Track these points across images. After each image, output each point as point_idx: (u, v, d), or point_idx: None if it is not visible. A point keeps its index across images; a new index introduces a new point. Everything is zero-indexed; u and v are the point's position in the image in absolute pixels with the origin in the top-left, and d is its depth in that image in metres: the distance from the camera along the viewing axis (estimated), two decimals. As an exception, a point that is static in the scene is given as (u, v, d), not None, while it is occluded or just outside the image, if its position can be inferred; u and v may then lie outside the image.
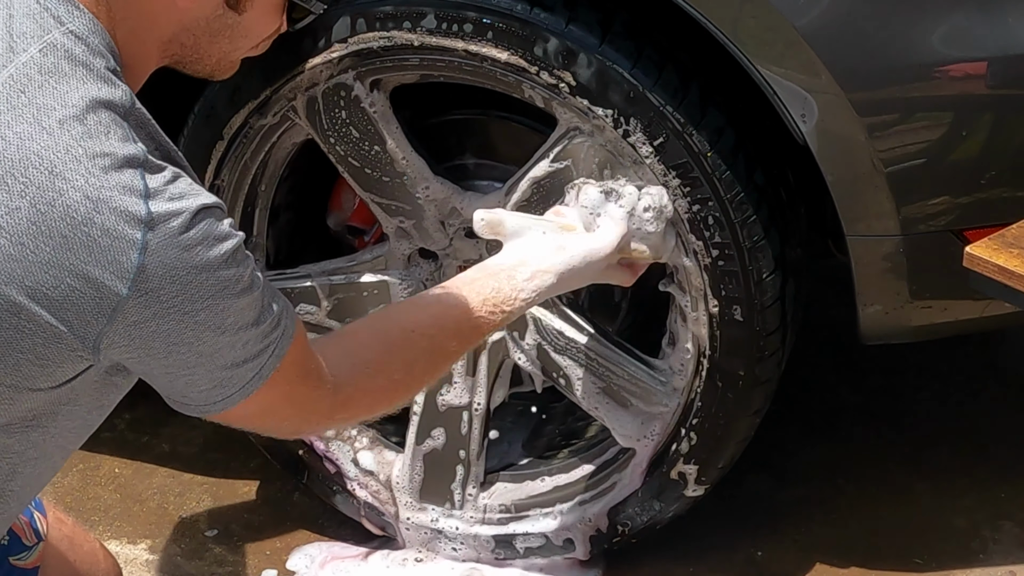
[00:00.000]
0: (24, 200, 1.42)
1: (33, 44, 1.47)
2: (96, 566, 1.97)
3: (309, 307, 2.49)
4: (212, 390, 1.57)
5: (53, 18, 1.49)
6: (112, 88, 1.48)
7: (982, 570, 2.57)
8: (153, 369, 1.55)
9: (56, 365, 1.51)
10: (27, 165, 1.42)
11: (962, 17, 2.08)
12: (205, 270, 1.47)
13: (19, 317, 1.46)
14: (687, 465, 2.42)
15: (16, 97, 1.45)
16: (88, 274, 1.44)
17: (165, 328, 1.48)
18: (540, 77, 2.19)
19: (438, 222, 2.39)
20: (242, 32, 1.62)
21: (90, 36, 1.50)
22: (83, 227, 1.42)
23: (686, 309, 2.31)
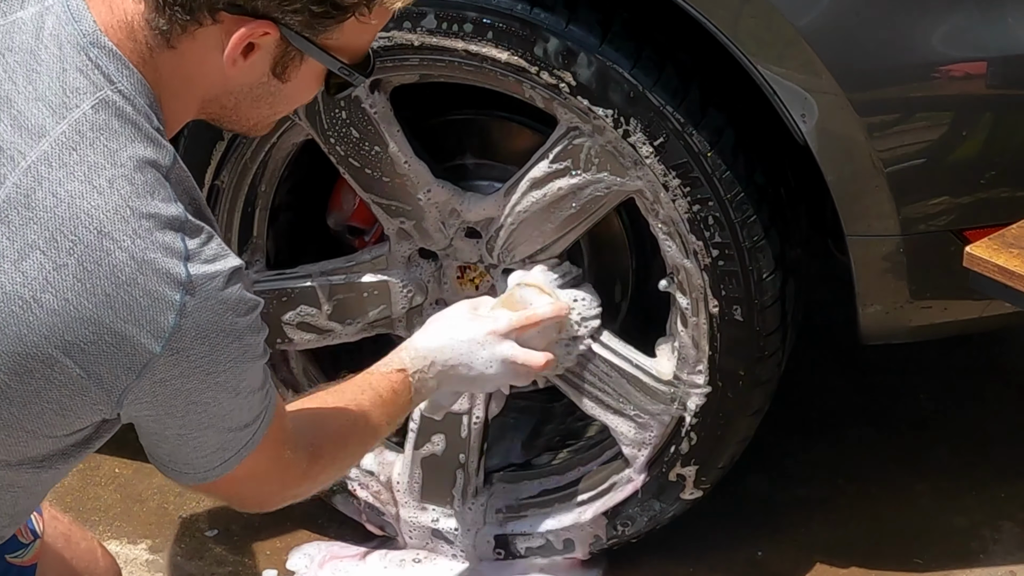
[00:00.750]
0: (72, 258, 1.47)
1: (85, 100, 1.50)
2: (94, 564, 1.98)
3: (309, 309, 2.49)
4: (215, 453, 1.64)
5: (104, 76, 1.52)
6: (158, 148, 1.52)
7: (982, 570, 2.57)
8: (167, 429, 1.61)
9: (76, 416, 1.56)
10: (77, 224, 1.47)
11: (962, 17, 2.08)
12: (232, 334, 1.54)
13: (52, 369, 1.50)
14: (687, 466, 2.42)
15: (68, 155, 1.48)
16: (126, 332, 1.48)
17: (188, 387, 1.54)
18: (540, 77, 2.19)
19: (439, 223, 2.39)
20: (283, 98, 1.65)
21: (137, 96, 1.53)
22: (127, 287, 1.47)
23: (686, 312, 2.31)
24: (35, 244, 1.47)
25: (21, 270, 1.47)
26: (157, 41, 1.54)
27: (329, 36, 1.57)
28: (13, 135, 1.49)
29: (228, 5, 1.52)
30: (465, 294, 2.44)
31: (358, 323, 2.50)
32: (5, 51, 1.53)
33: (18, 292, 1.47)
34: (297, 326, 2.50)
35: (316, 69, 1.61)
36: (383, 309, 2.48)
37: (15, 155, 1.49)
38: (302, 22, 1.54)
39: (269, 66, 1.58)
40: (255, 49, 1.56)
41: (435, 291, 2.46)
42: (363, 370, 2.06)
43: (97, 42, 1.52)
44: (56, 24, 1.53)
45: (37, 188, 1.48)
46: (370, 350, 2.71)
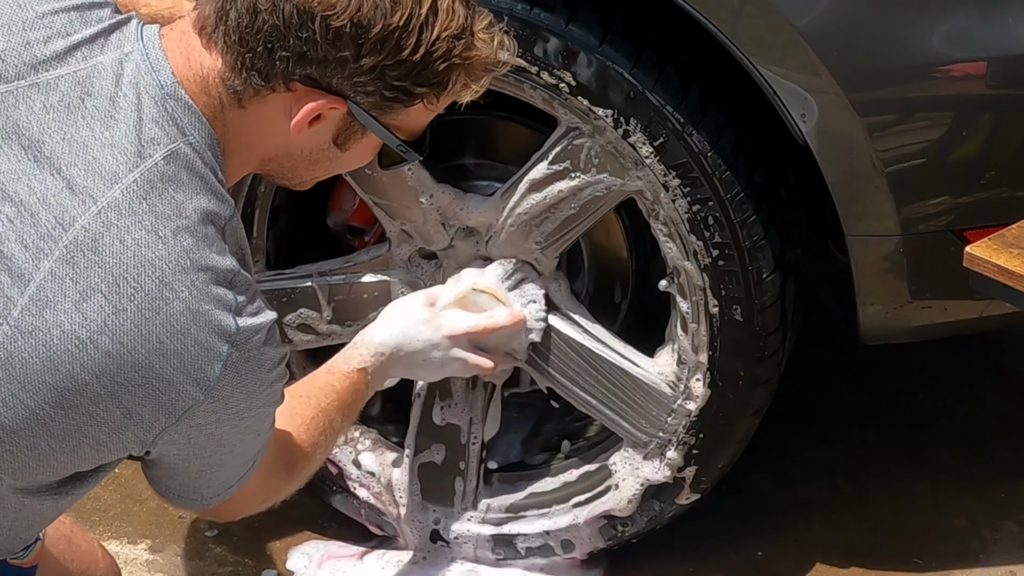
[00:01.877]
0: (132, 304, 1.51)
1: (159, 151, 1.55)
2: (94, 565, 1.98)
3: (310, 312, 2.49)
4: (223, 484, 1.72)
5: (178, 128, 1.56)
6: (220, 201, 1.58)
7: (982, 570, 2.57)
8: (191, 467, 1.67)
9: (108, 451, 1.61)
10: (140, 272, 1.51)
11: (962, 17, 2.08)
12: (266, 383, 1.62)
13: (97, 406, 1.54)
14: (687, 466, 2.42)
15: (138, 203, 1.52)
16: (173, 379, 1.53)
17: (221, 431, 1.60)
18: (540, 77, 2.19)
19: (439, 224, 2.39)
20: (338, 164, 1.71)
21: (206, 149, 1.58)
22: (180, 336, 1.52)
23: (687, 316, 2.31)
24: (98, 287, 1.51)
25: (81, 311, 1.51)
26: (229, 100, 1.59)
27: (394, 116, 1.63)
28: (86, 179, 1.53)
29: (304, 78, 1.58)
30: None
31: (359, 324, 2.50)
32: (85, 96, 1.56)
33: (76, 332, 1.51)
34: (297, 328, 2.50)
35: (374, 141, 1.68)
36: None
37: (86, 199, 1.53)
38: (372, 103, 1.61)
39: (332, 136, 1.65)
40: (321, 119, 1.62)
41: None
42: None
43: (175, 95, 1.57)
44: (135, 72, 1.57)
45: (105, 233, 1.52)
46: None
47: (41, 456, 1.58)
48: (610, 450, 2.50)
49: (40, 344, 1.51)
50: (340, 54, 1.55)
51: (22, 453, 1.56)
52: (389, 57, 1.56)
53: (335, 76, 1.57)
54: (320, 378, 2.09)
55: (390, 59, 1.56)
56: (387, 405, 2.70)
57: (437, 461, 2.54)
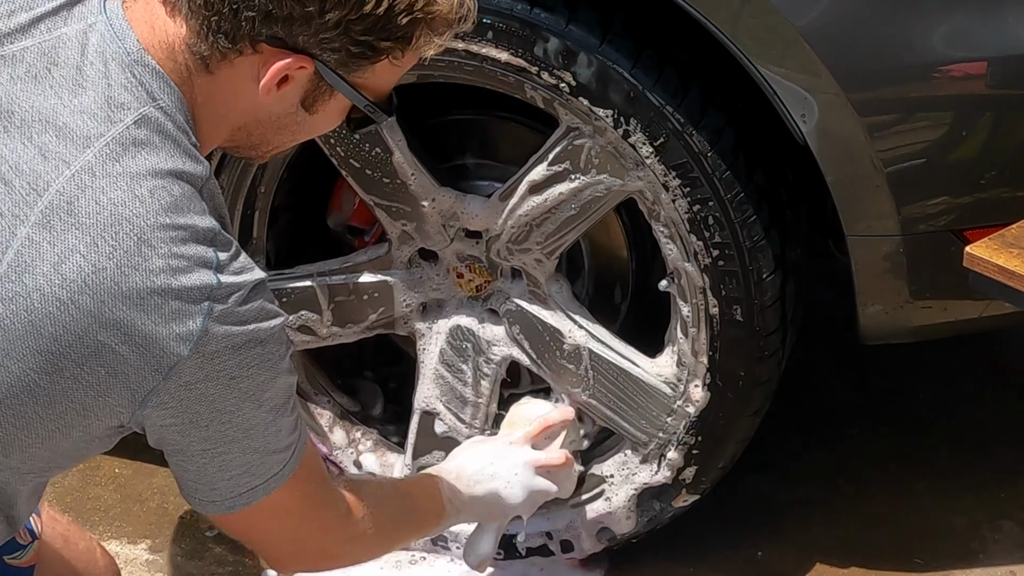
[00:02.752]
0: (111, 262, 1.51)
1: (129, 115, 1.56)
2: (93, 564, 1.98)
3: (311, 314, 2.49)
4: (242, 476, 1.67)
5: (147, 93, 1.57)
6: (195, 163, 1.59)
7: (982, 570, 2.57)
8: (193, 443, 1.63)
9: (96, 417, 1.59)
10: (118, 230, 1.51)
11: (962, 17, 2.08)
12: (256, 341, 1.59)
13: (82, 368, 1.54)
14: (687, 466, 2.42)
15: (112, 165, 1.53)
16: (156, 334, 1.53)
17: (212, 392, 1.58)
18: (540, 77, 2.19)
19: (440, 224, 2.39)
20: (305, 129, 1.71)
21: (177, 113, 1.59)
22: (160, 292, 1.52)
23: (687, 320, 2.31)
24: (75, 248, 1.51)
25: (60, 272, 1.51)
26: (196, 65, 1.60)
27: (360, 75, 1.64)
28: (58, 145, 1.54)
29: (270, 38, 1.58)
30: (464, 294, 2.44)
31: (360, 325, 2.50)
32: (51, 66, 1.58)
33: (56, 294, 1.51)
34: (298, 328, 2.50)
35: (342, 104, 1.68)
36: (384, 310, 2.48)
37: (59, 164, 1.53)
38: (338, 60, 1.61)
39: (299, 98, 1.65)
40: (288, 81, 1.62)
41: (435, 291, 2.46)
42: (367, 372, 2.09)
43: (141, 61, 1.58)
44: (101, 42, 1.59)
45: (80, 195, 1.52)
46: (371, 349, 2.72)
47: (28, 425, 1.57)
48: (609, 450, 2.51)
49: (21, 309, 1.51)
50: (305, 10, 1.56)
51: (9, 424, 1.56)
52: (353, 11, 1.57)
53: (301, 34, 1.58)
54: (392, 480, 2.08)
55: (354, 13, 1.57)
56: (388, 406, 2.71)
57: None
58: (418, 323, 2.49)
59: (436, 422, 2.52)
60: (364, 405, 2.69)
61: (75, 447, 1.64)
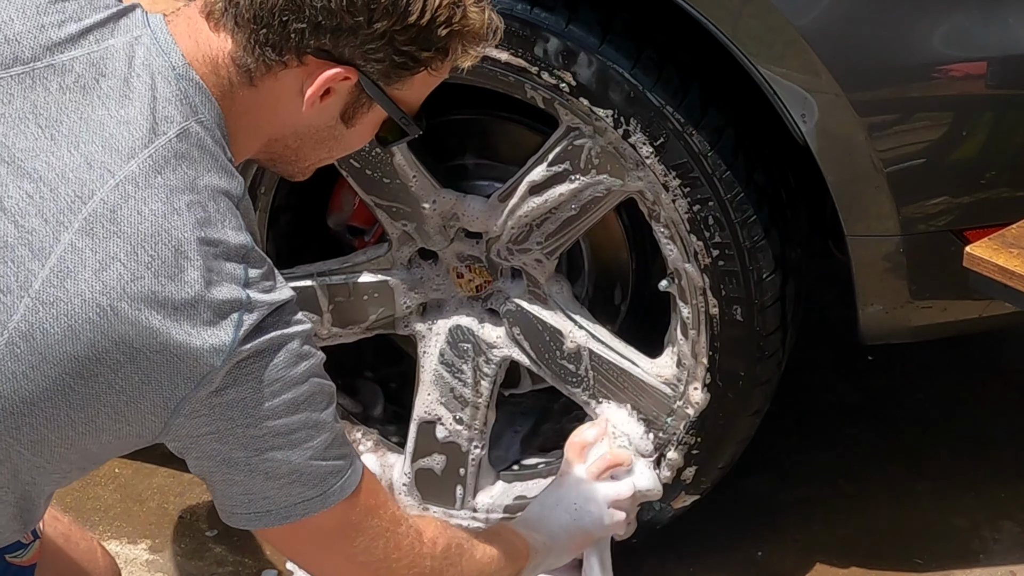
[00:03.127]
0: (149, 271, 1.54)
1: (172, 129, 1.59)
2: (94, 563, 1.98)
3: (311, 315, 2.49)
4: (292, 485, 1.66)
5: (190, 107, 1.62)
6: (231, 179, 1.62)
7: (982, 570, 2.57)
8: (233, 450, 1.64)
9: (127, 422, 1.60)
10: (157, 241, 1.55)
11: (962, 17, 2.08)
12: (286, 356, 1.61)
13: (116, 374, 1.56)
14: (687, 466, 2.42)
15: (154, 176, 1.57)
16: (189, 344, 1.55)
17: (243, 396, 1.60)
18: (541, 77, 2.19)
19: (440, 225, 2.39)
20: (341, 143, 1.75)
21: (216, 128, 1.63)
22: (194, 303, 1.55)
23: (687, 322, 2.31)
24: (116, 256, 1.54)
25: (101, 279, 1.54)
26: (240, 79, 1.64)
27: (399, 87, 1.68)
28: (103, 155, 1.57)
29: (317, 50, 1.62)
30: (464, 294, 2.44)
31: (360, 325, 2.50)
32: (99, 77, 1.61)
33: (97, 299, 1.54)
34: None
35: (378, 117, 1.72)
36: (384, 310, 2.48)
37: (104, 173, 1.56)
38: (380, 71, 1.65)
39: (340, 110, 1.69)
40: (331, 93, 1.66)
41: (435, 291, 2.46)
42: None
43: (186, 75, 1.62)
44: (147, 55, 1.62)
45: (123, 205, 1.55)
46: (371, 349, 2.72)
47: (60, 427, 1.59)
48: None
49: (62, 314, 1.54)
50: (355, 20, 1.60)
51: (41, 426, 1.58)
52: (398, 22, 1.61)
53: (347, 45, 1.62)
54: (496, 544, 2.04)
55: (399, 24, 1.61)
56: (388, 407, 2.71)
57: (437, 470, 2.54)
58: (418, 324, 2.49)
59: (436, 426, 2.52)
60: (365, 406, 2.69)
61: (102, 452, 1.66)
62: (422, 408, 2.51)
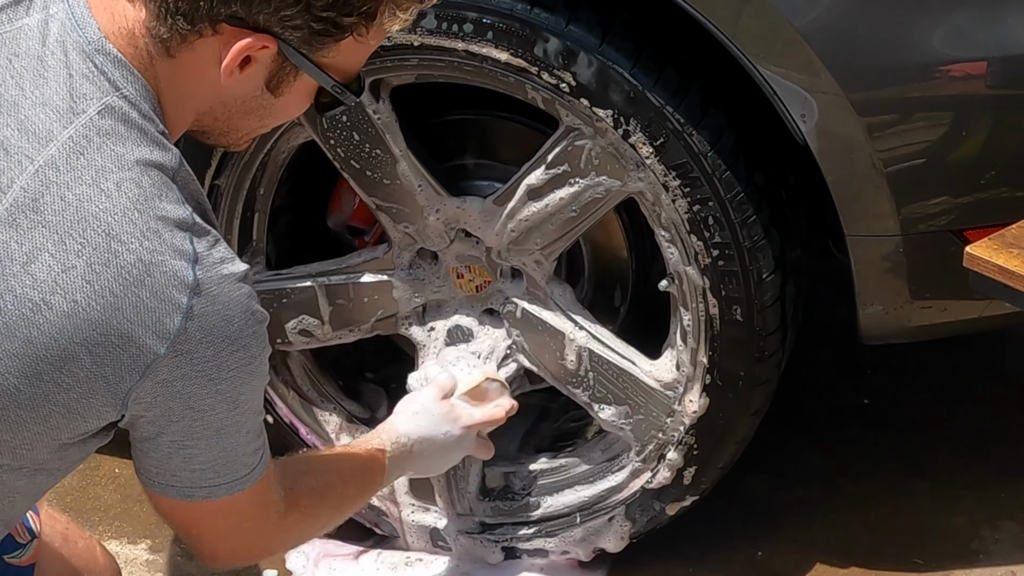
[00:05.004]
0: (80, 260, 1.48)
1: (92, 106, 1.53)
2: (92, 563, 1.97)
3: (312, 320, 2.49)
4: (203, 472, 1.64)
5: (109, 82, 1.54)
6: (164, 151, 1.55)
7: (982, 570, 2.57)
8: (162, 435, 1.61)
9: (82, 419, 1.57)
10: (85, 227, 1.48)
11: (962, 17, 2.08)
12: (237, 342, 1.55)
13: (60, 371, 1.51)
14: (686, 466, 2.42)
15: (76, 159, 1.50)
16: (132, 333, 1.50)
17: (189, 390, 1.55)
18: (541, 77, 2.19)
19: (443, 228, 2.39)
20: (273, 112, 1.67)
21: (142, 101, 1.55)
22: (134, 289, 1.49)
23: (687, 319, 2.31)
24: (43, 247, 1.49)
25: (30, 273, 1.49)
26: (157, 49, 1.56)
27: (325, 54, 1.60)
28: (20, 140, 1.51)
29: (229, 17, 1.54)
30: (464, 294, 2.44)
31: (360, 326, 2.50)
32: (12, 56, 1.55)
33: (27, 295, 1.49)
34: (299, 332, 2.50)
35: (309, 85, 1.64)
36: (384, 311, 2.48)
37: (22, 159, 1.51)
38: (300, 38, 1.57)
39: (264, 80, 1.61)
40: (252, 62, 1.58)
41: (435, 291, 2.46)
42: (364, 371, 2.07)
43: (102, 49, 1.55)
44: (61, 31, 1.56)
45: (45, 192, 1.49)
46: (371, 348, 2.72)
47: (12, 428, 1.55)
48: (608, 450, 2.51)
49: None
50: None
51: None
52: None
53: (261, 12, 1.54)
54: (337, 449, 2.08)
55: None
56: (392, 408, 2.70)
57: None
58: (417, 324, 2.49)
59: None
60: (372, 409, 2.69)
61: (69, 450, 1.62)
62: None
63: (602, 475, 2.51)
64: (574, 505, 2.52)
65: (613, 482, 2.49)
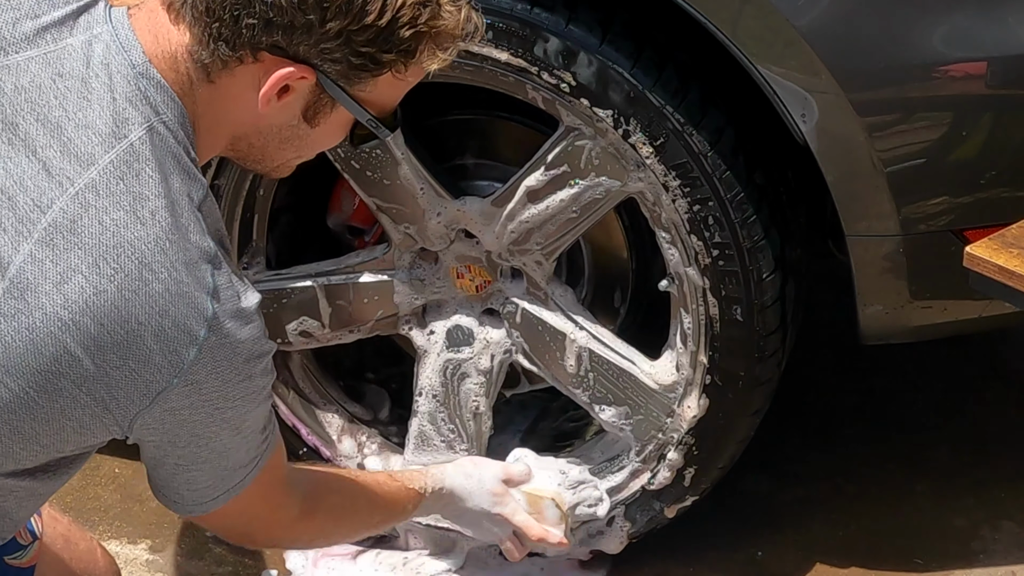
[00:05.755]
0: (112, 284, 1.50)
1: (134, 131, 1.54)
2: (93, 564, 1.98)
3: (312, 320, 2.49)
4: (205, 491, 1.69)
5: (151, 107, 1.56)
6: (194, 181, 1.57)
7: (982, 570, 2.57)
8: (167, 457, 1.65)
9: (92, 435, 1.60)
10: (120, 252, 1.51)
11: (962, 17, 2.08)
12: (244, 374, 1.60)
13: (80, 389, 1.53)
14: (686, 466, 2.42)
15: (116, 184, 1.52)
16: (150, 360, 1.53)
17: (195, 419, 1.58)
18: (541, 77, 2.19)
19: (444, 229, 2.39)
20: (309, 143, 1.69)
21: (179, 128, 1.57)
22: (158, 317, 1.52)
23: (687, 321, 2.31)
24: (78, 268, 1.51)
25: (63, 292, 1.51)
26: (198, 74, 1.59)
27: (362, 88, 1.62)
28: (62, 161, 1.53)
29: (271, 46, 1.56)
30: (464, 294, 2.44)
31: (361, 327, 2.50)
32: (56, 77, 1.56)
33: (58, 313, 1.51)
34: (299, 334, 2.50)
35: (345, 118, 1.66)
36: (384, 311, 2.48)
37: (63, 181, 1.52)
38: (339, 71, 1.59)
39: (301, 110, 1.63)
40: (290, 91, 1.60)
41: (435, 292, 2.46)
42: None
43: (146, 73, 1.57)
44: (106, 53, 1.57)
45: (84, 215, 1.51)
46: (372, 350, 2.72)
47: (25, 440, 1.57)
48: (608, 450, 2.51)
49: (23, 327, 1.51)
50: (307, 18, 1.54)
51: (6, 437, 1.56)
52: (355, 22, 1.55)
53: (302, 43, 1.56)
54: (381, 476, 2.09)
55: (355, 24, 1.55)
56: (394, 410, 2.70)
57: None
58: (418, 324, 2.49)
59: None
60: (375, 410, 2.69)
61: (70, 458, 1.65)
62: (418, 412, 2.50)
63: (601, 475, 2.50)
64: (573, 505, 2.51)
65: (613, 482, 2.48)
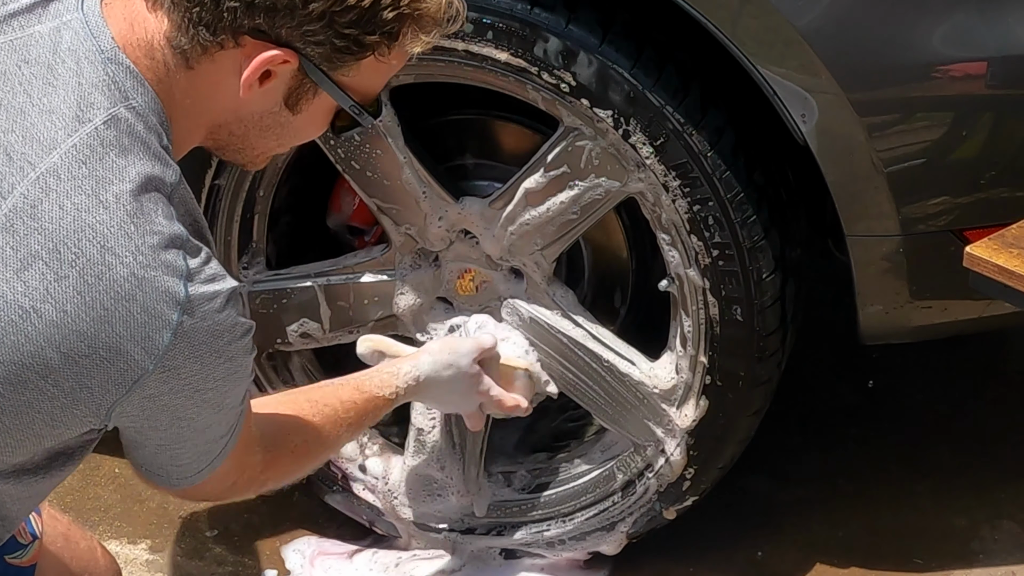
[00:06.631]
0: (74, 270, 1.48)
1: (99, 115, 1.52)
2: (93, 563, 1.98)
3: (311, 321, 2.49)
4: (190, 464, 1.68)
5: (119, 92, 1.54)
6: (164, 167, 1.54)
7: (982, 570, 2.57)
8: (148, 440, 1.64)
9: (65, 427, 1.57)
10: (81, 237, 1.48)
11: (962, 17, 2.08)
12: (224, 355, 1.57)
13: (46, 380, 1.51)
14: (686, 467, 2.42)
15: (77, 168, 1.50)
16: (120, 347, 1.50)
17: (175, 403, 1.57)
18: (541, 77, 2.19)
19: (443, 229, 2.39)
20: (290, 131, 1.67)
21: (150, 114, 1.55)
22: (125, 302, 1.48)
23: (687, 321, 2.31)
24: (38, 254, 1.48)
25: (23, 279, 1.48)
26: (176, 61, 1.56)
27: (345, 73, 1.60)
28: (24, 146, 1.51)
29: (252, 30, 1.54)
30: (464, 295, 2.44)
31: (361, 328, 2.50)
32: (22, 63, 1.55)
33: (18, 301, 1.48)
34: (299, 335, 2.51)
35: (327, 105, 1.64)
36: (384, 311, 2.48)
37: (24, 165, 1.50)
38: (322, 55, 1.57)
39: (282, 96, 1.61)
40: (271, 76, 1.58)
41: (435, 290, 2.46)
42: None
43: (115, 59, 1.55)
44: (74, 39, 1.55)
45: (44, 199, 1.49)
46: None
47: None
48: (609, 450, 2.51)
49: None
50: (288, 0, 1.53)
51: None
52: (337, 3, 1.53)
53: (284, 25, 1.54)
54: (345, 393, 2.06)
55: (338, 5, 1.53)
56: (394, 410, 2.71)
57: (436, 475, 2.53)
58: (417, 324, 2.49)
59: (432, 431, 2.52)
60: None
61: (54, 455, 1.63)
62: (418, 414, 2.50)
63: (602, 475, 2.51)
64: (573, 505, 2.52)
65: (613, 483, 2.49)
